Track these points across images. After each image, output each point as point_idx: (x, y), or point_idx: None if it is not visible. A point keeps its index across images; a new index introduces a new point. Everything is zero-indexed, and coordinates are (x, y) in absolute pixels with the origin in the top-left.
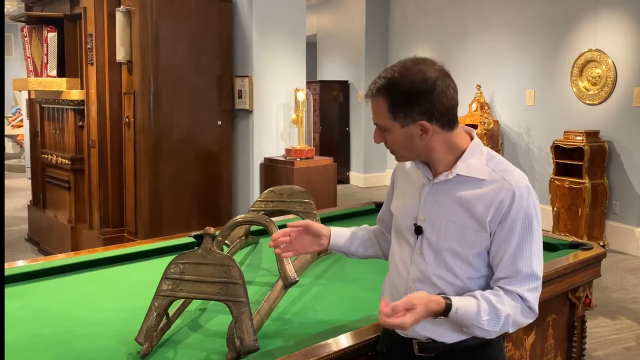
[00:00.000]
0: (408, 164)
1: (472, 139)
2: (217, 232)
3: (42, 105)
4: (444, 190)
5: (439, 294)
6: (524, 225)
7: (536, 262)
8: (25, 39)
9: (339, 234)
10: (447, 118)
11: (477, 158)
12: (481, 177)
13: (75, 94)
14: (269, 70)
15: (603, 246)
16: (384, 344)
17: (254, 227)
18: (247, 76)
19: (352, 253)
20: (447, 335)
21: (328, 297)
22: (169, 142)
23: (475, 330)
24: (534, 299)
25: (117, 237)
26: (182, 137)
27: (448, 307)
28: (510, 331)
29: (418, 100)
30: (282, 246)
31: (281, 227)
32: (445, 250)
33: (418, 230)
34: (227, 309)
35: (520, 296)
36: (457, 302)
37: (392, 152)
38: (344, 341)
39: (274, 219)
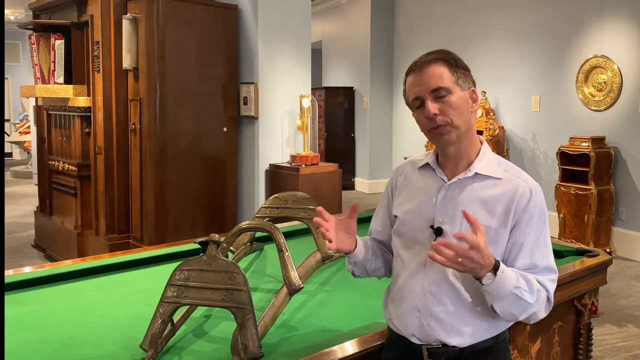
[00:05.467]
0: (410, 170)
1: (481, 142)
2: (222, 239)
3: (49, 112)
4: (462, 191)
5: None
6: (539, 220)
7: (551, 256)
8: (33, 46)
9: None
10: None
11: (489, 159)
12: (497, 176)
13: (82, 101)
14: (275, 77)
15: (609, 253)
16: (389, 352)
17: (258, 234)
18: (253, 83)
19: (366, 262)
20: (459, 338)
21: (333, 304)
22: (175, 148)
23: (510, 303)
24: (552, 290)
25: (123, 243)
26: (188, 143)
27: (497, 265)
28: (532, 319)
29: (468, 69)
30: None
31: (286, 233)
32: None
33: (438, 232)
34: (232, 315)
35: (543, 285)
36: (502, 265)
37: (446, 123)
38: (349, 348)
39: (278, 225)
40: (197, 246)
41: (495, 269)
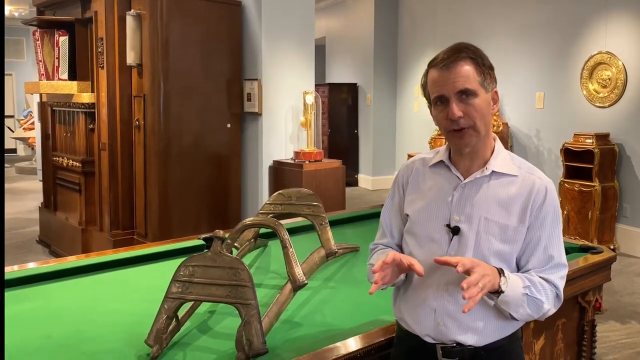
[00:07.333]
0: (421, 168)
1: (493, 139)
2: (227, 235)
3: (54, 108)
4: (478, 189)
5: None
6: (554, 217)
7: (563, 252)
8: (37, 42)
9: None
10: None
11: (504, 156)
12: (513, 173)
13: (86, 97)
14: (278, 73)
15: (613, 250)
16: (400, 346)
17: (262, 230)
18: (256, 79)
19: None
20: (474, 337)
21: (336, 300)
22: (179, 145)
23: (526, 306)
24: (562, 286)
25: (127, 239)
26: (192, 140)
27: (499, 269)
28: (543, 317)
29: (492, 67)
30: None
31: (290, 230)
32: (487, 249)
33: (455, 231)
34: (236, 311)
35: (552, 283)
36: (506, 271)
37: (469, 126)
38: (352, 344)
39: (282, 221)
40: (202, 242)
41: (500, 272)
